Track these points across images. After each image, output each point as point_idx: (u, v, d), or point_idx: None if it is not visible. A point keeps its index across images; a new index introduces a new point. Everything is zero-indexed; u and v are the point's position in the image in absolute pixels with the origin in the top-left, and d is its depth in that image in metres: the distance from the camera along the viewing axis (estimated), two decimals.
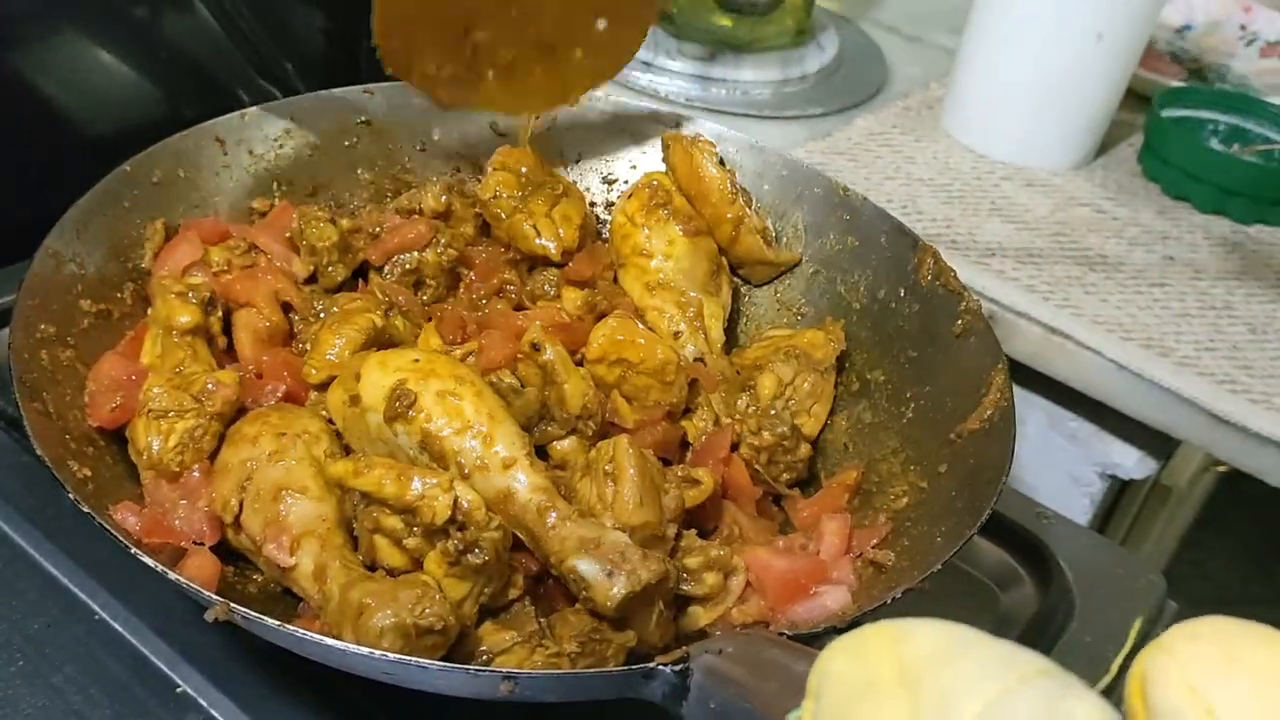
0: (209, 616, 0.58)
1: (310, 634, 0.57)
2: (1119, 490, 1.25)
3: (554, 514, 0.65)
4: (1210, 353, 1.05)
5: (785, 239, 0.96)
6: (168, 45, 1.11)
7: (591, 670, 0.62)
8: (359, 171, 0.97)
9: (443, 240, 0.88)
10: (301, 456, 0.69)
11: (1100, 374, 1.06)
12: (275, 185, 0.93)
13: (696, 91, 1.34)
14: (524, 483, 0.66)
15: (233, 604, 0.57)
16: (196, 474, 0.70)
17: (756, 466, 0.79)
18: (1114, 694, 0.70)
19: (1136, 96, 1.34)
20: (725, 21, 1.39)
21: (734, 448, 0.80)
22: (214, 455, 0.72)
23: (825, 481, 0.82)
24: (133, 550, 0.60)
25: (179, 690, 0.69)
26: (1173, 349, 1.05)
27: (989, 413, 0.75)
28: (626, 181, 1.00)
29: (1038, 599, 0.86)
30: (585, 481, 0.69)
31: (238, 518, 0.68)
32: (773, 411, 0.81)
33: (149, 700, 0.68)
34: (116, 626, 0.71)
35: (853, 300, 0.91)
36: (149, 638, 0.71)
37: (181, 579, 0.59)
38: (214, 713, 0.68)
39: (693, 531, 0.72)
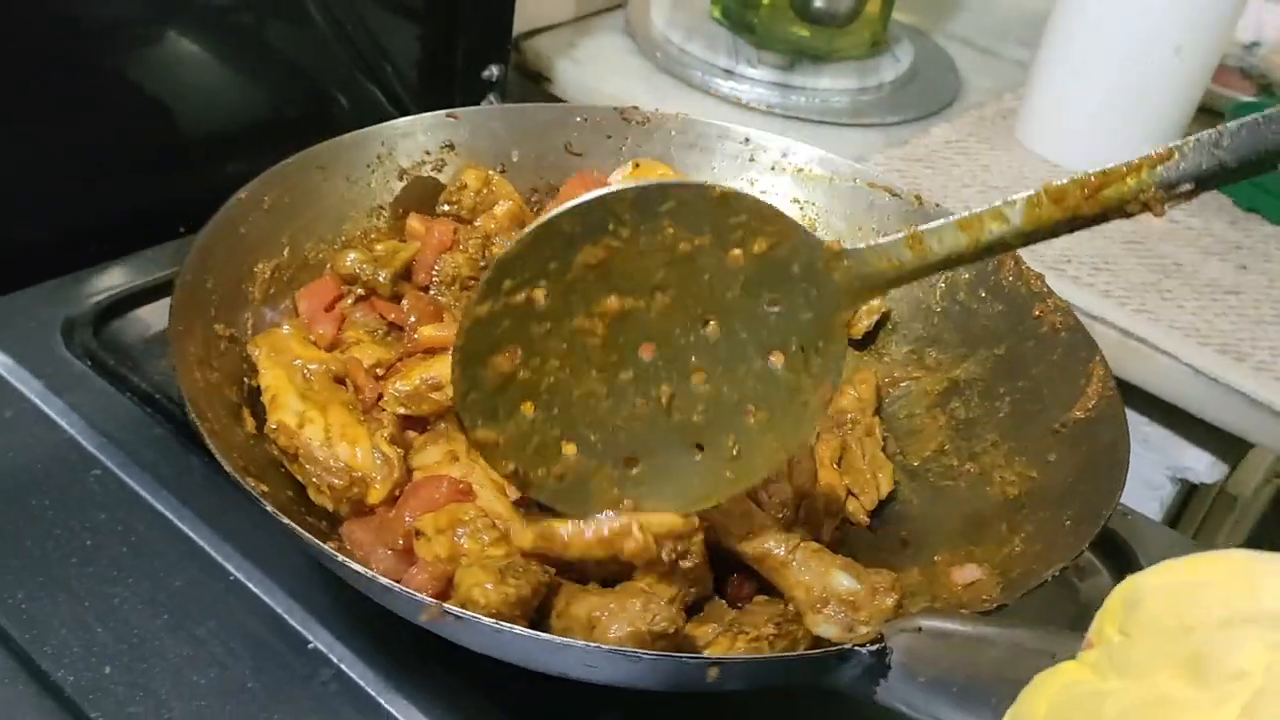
0: (423, 617, 0.59)
1: (529, 631, 0.58)
2: (1185, 496, 1.27)
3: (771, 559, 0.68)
4: None
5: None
6: (277, 49, 1.17)
7: (790, 655, 0.63)
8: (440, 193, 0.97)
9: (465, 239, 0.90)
10: (482, 481, 0.72)
11: (1176, 378, 1.08)
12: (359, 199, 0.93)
13: (776, 99, 1.38)
14: None
15: (445, 605, 0.58)
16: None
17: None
18: None
19: (1206, 110, 1.36)
20: (804, 32, 1.43)
21: None
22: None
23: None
24: (354, 567, 0.61)
25: (310, 646, 0.73)
26: (1248, 354, 1.07)
27: (1093, 401, 0.77)
28: None
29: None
30: None
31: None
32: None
33: (286, 655, 0.72)
34: (251, 587, 0.76)
35: (931, 303, 0.93)
36: (281, 598, 0.75)
37: (398, 586, 0.60)
38: (343, 667, 0.72)
39: None
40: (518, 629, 0.59)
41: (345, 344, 0.83)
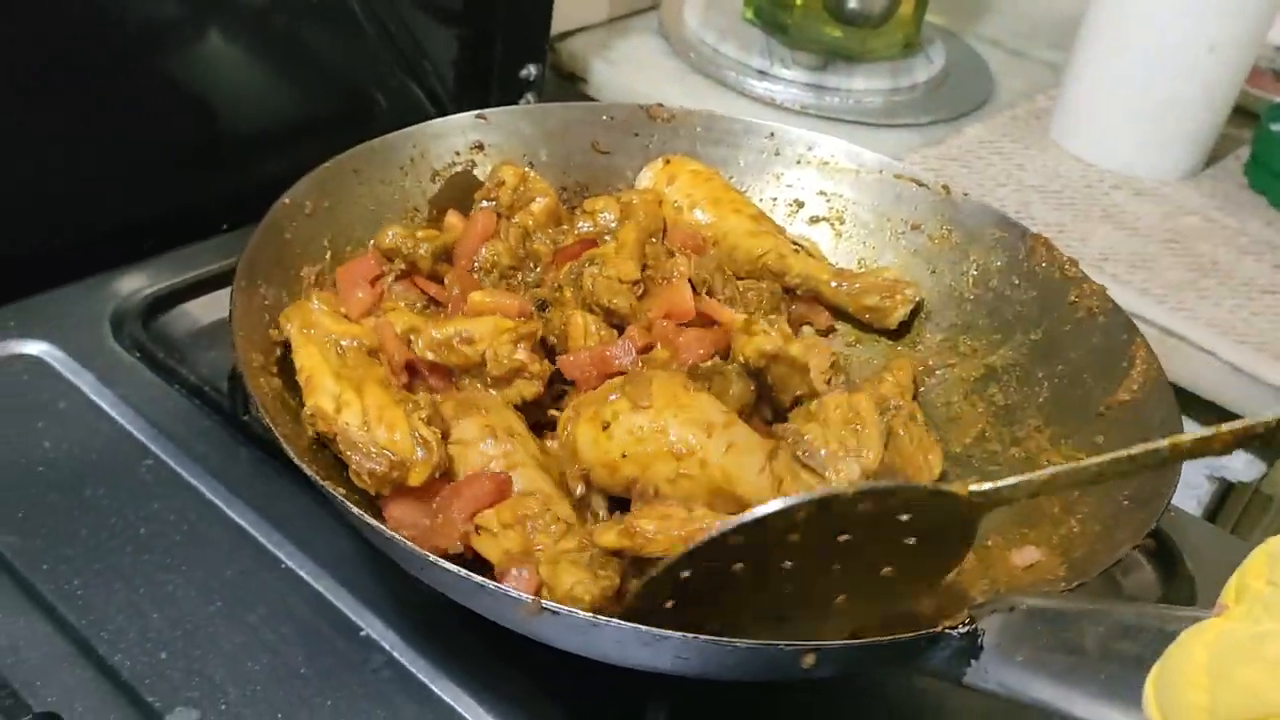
0: (522, 611, 0.58)
1: (628, 624, 0.57)
2: (1223, 494, 1.26)
3: None
4: None
5: (889, 235, 0.99)
6: (318, 49, 1.18)
7: (881, 640, 0.62)
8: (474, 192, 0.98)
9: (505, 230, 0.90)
10: (524, 459, 0.72)
11: (1214, 376, 1.08)
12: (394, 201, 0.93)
13: (811, 99, 1.39)
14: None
15: (544, 602, 0.58)
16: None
17: None
18: None
19: (1240, 111, 1.36)
20: (837, 32, 1.43)
21: None
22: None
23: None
24: (449, 568, 0.61)
25: (362, 634, 0.74)
26: None
27: (1138, 384, 0.77)
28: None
29: (1160, 585, 0.89)
30: (814, 427, 0.74)
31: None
32: None
33: (336, 641, 0.73)
34: (302, 574, 0.77)
35: (964, 291, 0.94)
36: (332, 585, 0.76)
37: (503, 587, 0.60)
38: (394, 654, 0.73)
39: None
40: (617, 622, 0.58)
41: (382, 312, 0.83)
